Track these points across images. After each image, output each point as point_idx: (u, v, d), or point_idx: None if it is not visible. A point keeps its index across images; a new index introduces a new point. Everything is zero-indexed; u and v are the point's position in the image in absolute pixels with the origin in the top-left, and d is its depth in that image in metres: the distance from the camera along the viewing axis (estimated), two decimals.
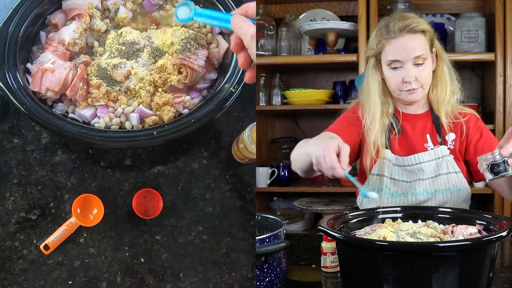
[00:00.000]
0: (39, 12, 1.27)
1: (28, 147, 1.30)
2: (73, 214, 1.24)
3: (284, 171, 2.62)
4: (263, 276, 1.11)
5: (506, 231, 0.97)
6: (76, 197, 1.27)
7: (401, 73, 1.45)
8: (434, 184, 1.50)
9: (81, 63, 1.25)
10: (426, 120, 1.55)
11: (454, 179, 1.49)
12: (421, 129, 1.54)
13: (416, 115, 1.56)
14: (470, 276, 0.95)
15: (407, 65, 1.44)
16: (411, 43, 1.44)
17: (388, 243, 0.98)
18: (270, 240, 1.12)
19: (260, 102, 2.64)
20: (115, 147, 1.28)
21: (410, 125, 1.55)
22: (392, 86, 1.50)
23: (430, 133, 1.53)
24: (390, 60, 1.46)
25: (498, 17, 2.26)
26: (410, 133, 1.54)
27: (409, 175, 1.51)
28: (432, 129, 1.54)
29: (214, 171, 1.32)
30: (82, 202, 1.26)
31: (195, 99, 1.27)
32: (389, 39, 1.45)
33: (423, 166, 1.50)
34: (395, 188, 1.51)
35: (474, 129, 1.53)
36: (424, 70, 1.46)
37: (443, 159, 1.50)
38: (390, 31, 1.45)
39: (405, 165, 1.51)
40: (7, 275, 1.24)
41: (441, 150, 1.51)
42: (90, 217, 1.26)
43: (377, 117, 1.52)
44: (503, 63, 2.30)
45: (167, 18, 1.34)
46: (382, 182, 1.52)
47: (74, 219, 1.24)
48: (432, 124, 1.54)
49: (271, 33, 2.58)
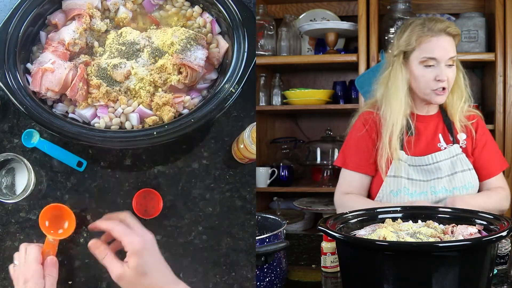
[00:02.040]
0: (39, 12, 1.27)
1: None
2: (41, 227, 1.18)
3: (284, 171, 2.62)
4: (263, 276, 1.11)
5: (506, 231, 0.97)
6: (76, 197, 1.27)
7: (434, 71, 1.51)
8: (452, 182, 1.54)
9: (81, 63, 1.25)
10: (437, 120, 1.61)
11: (469, 176, 1.55)
12: (433, 129, 1.60)
13: (429, 116, 1.62)
14: (470, 276, 0.95)
15: (441, 65, 1.51)
16: (448, 44, 1.53)
17: (388, 243, 0.99)
18: (270, 240, 1.12)
19: (260, 102, 2.65)
20: (115, 147, 1.28)
21: (423, 126, 1.60)
22: (423, 84, 1.54)
23: (442, 133, 1.60)
24: (426, 57, 1.51)
25: (498, 17, 2.27)
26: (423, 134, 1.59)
27: (426, 174, 1.55)
28: (443, 129, 1.60)
29: (214, 171, 1.32)
30: (51, 213, 1.21)
31: (195, 99, 1.27)
32: (429, 37, 1.51)
33: (440, 165, 1.55)
34: (413, 188, 1.54)
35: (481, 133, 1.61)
36: (452, 72, 1.54)
37: (457, 157, 1.56)
38: (430, 30, 1.52)
39: (422, 164, 1.56)
40: (7, 275, 1.24)
41: (454, 148, 1.57)
42: (59, 231, 1.21)
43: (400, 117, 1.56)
44: (503, 63, 2.30)
45: (167, 18, 1.34)
46: (400, 183, 1.55)
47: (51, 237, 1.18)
48: (443, 124, 1.60)
49: (271, 33, 2.58)
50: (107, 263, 1.06)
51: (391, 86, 1.59)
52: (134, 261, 1.02)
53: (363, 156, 1.62)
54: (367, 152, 1.61)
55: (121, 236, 1.06)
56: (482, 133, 1.62)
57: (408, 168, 1.55)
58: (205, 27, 1.33)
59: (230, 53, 1.27)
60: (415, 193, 1.54)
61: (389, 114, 1.57)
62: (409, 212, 1.24)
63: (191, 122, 1.18)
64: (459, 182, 1.55)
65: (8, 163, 1.24)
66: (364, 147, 1.62)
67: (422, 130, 1.60)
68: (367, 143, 1.61)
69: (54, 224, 1.22)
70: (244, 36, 1.25)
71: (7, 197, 1.21)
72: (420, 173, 1.55)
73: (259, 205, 2.65)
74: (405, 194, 1.53)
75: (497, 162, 1.64)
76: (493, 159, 1.63)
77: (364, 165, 1.62)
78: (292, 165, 2.70)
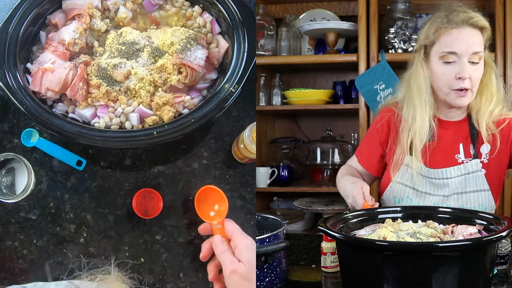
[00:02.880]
0: (39, 12, 1.27)
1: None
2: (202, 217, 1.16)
3: (284, 171, 2.62)
4: (263, 276, 1.11)
5: (506, 231, 0.97)
6: (76, 197, 1.27)
7: (454, 68, 1.34)
8: (459, 201, 1.41)
9: (81, 63, 1.25)
10: (461, 128, 1.44)
11: (482, 198, 1.40)
12: (454, 137, 1.44)
13: (452, 122, 1.45)
14: (470, 276, 0.95)
15: (462, 60, 1.33)
16: (471, 36, 1.34)
17: (388, 243, 0.99)
18: (270, 240, 1.12)
19: (260, 102, 2.64)
20: (115, 147, 1.28)
21: (443, 132, 1.44)
22: (442, 82, 1.37)
23: (463, 143, 1.43)
24: (445, 52, 1.35)
25: (498, 17, 2.26)
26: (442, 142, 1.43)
27: (435, 188, 1.43)
28: (466, 139, 1.43)
29: (214, 171, 1.32)
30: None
31: (195, 99, 1.27)
32: (449, 29, 1.34)
33: (449, 182, 1.41)
34: (416, 199, 1.44)
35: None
36: (478, 71, 1.35)
37: (473, 175, 1.40)
38: (451, 21, 1.35)
39: (432, 177, 1.42)
40: (7, 275, 1.24)
41: (471, 164, 1.40)
42: (210, 213, 1.17)
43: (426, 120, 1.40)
44: (503, 63, 2.30)
45: (167, 18, 1.34)
46: (404, 191, 1.45)
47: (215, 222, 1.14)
48: (467, 133, 1.43)
49: (271, 33, 2.58)
50: (224, 257, 1.07)
51: (413, 85, 1.43)
52: (247, 256, 1.05)
53: (369, 152, 1.55)
54: (372, 150, 1.53)
55: (233, 231, 1.11)
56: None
57: (417, 177, 1.41)
58: (205, 27, 1.33)
59: (230, 53, 1.27)
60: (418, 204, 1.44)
61: (411, 116, 1.41)
62: (409, 212, 1.24)
63: (191, 122, 1.18)
64: (468, 203, 1.40)
65: (8, 163, 1.24)
66: (372, 143, 1.54)
67: (442, 136, 1.42)
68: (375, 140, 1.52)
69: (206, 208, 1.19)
70: (244, 36, 1.25)
71: (7, 197, 1.21)
72: (427, 185, 1.43)
73: (259, 205, 2.65)
74: (407, 204, 1.44)
75: None
76: None
77: (367, 161, 1.56)
78: (292, 165, 2.69)
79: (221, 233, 1.13)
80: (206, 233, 1.17)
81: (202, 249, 1.13)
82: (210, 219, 1.15)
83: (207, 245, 1.13)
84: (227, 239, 1.11)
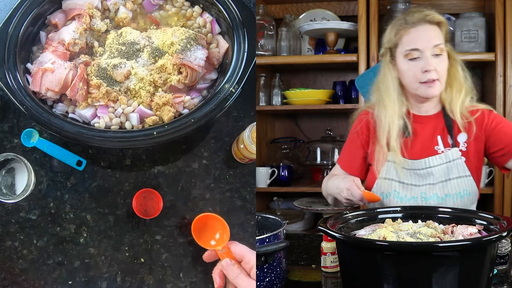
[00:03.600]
0: (39, 12, 1.27)
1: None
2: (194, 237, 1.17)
3: (284, 171, 2.62)
4: (263, 276, 1.11)
5: (506, 231, 0.97)
6: (76, 197, 1.27)
7: (420, 63, 1.43)
8: (445, 188, 1.46)
9: (81, 63, 1.25)
10: (437, 121, 1.52)
11: (465, 183, 1.46)
12: (431, 130, 1.51)
13: (427, 116, 1.53)
14: (470, 276, 0.95)
15: (425, 54, 1.42)
16: (429, 32, 1.44)
17: (388, 243, 0.99)
18: (270, 240, 1.12)
19: (260, 102, 2.64)
20: (115, 147, 1.28)
21: (420, 127, 1.52)
22: (410, 78, 1.46)
23: (441, 135, 1.51)
24: (408, 50, 1.44)
25: (498, 17, 2.26)
26: (420, 136, 1.51)
27: (419, 179, 1.48)
28: (443, 130, 1.51)
29: (214, 171, 1.32)
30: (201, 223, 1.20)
31: (195, 99, 1.27)
32: (408, 29, 1.45)
33: (433, 171, 1.47)
34: (404, 192, 1.48)
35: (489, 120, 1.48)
36: (442, 62, 1.44)
37: (454, 163, 1.47)
38: (408, 22, 1.45)
39: (415, 168, 1.48)
40: (7, 275, 1.24)
41: (452, 153, 1.47)
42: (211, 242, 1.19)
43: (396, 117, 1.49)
44: (503, 63, 2.30)
45: (167, 18, 1.34)
46: (390, 186, 1.49)
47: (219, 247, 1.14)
48: (443, 125, 1.51)
49: (271, 33, 2.58)
50: (240, 281, 1.07)
51: (381, 87, 1.54)
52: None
53: (350, 157, 1.61)
54: (354, 154, 1.59)
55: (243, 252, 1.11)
56: (491, 119, 1.47)
57: (401, 171, 1.48)
58: (205, 27, 1.33)
59: (230, 53, 1.27)
60: (405, 197, 1.48)
61: (383, 115, 1.51)
62: (409, 212, 1.24)
63: (191, 122, 1.18)
64: (453, 189, 1.46)
65: (8, 163, 1.24)
66: (353, 147, 1.60)
67: (419, 131, 1.51)
68: (356, 144, 1.58)
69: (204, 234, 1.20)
70: (244, 36, 1.25)
71: (7, 197, 1.21)
72: (412, 177, 1.48)
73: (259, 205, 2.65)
74: (395, 198, 1.48)
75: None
76: None
77: (349, 165, 1.60)
78: (292, 165, 2.69)
79: (228, 256, 1.11)
80: (211, 259, 1.16)
81: (214, 278, 1.12)
82: (211, 247, 1.15)
83: (218, 272, 1.12)
84: (236, 261, 1.10)
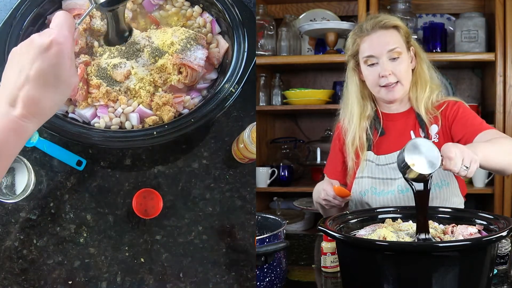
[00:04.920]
0: (39, 12, 1.27)
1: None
2: None
3: (284, 171, 2.62)
4: (263, 276, 1.11)
5: (506, 231, 0.97)
6: (76, 197, 1.27)
7: (377, 68, 1.48)
8: None
9: (81, 63, 1.24)
10: (408, 117, 1.56)
11: (442, 174, 1.48)
12: (403, 126, 1.55)
13: (398, 113, 1.57)
14: (470, 276, 0.95)
15: (382, 60, 1.47)
16: (383, 38, 1.49)
17: (388, 243, 0.99)
18: (270, 240, 1.12)
19: (260, 102, 2.64)
20: (115, 147, 1.28)
21: (392, 125, 1.57)
22: (370, 82, 1.52)
23: (413, 129, 1.54)
24: (365, 57, 1.50)
25: (498, 17, 2.26)
26: (393, 133, 1.55)
27: (394, 172, 1.51)
28: (415, 125, 1.54)
29: (214, 171, 1.32)
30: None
31: (195, 99, 1.27)
32: (363, 37, 1.50)
33: None
34: (381, 187, 1.52)
35: (451, 111, 1.51)
36: (400, 65, 1.48)
37: None
38: (363, 30, 1.51)
39: (388, 163, 1.52)
40: (7, 275, 1.24)
41: None
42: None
43: (355, 117, 1.55)
44: (503, 63, 2.30)
45: (167, 18, 1.34)
46: (367, 183, 1.53)
47: None
48: (415, 120, 1.55)
49: (271, 33, 2.58)
50: None
51: (344, 91, 1.61)
52: None
53: (332, 163, 1.67)
54: (334, 159, 1.65)
55: None
56: (454, 109, 1.51)
57: (375, 168, 1.52)
58: (205, 27, 1.33)
59: (230, 53, 1.27)
60: (382, 192, 1.51)
61: (348, 117, 1.57)
62: (409, 212, 1.24)
63: (191, 122, 1.18)
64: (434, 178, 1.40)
65: None
66: (333, 154, 1.66)
67: (391, 128, 1.56)
68: (335, 150, 1.65)
69: None
70: (244, 36, 1.25)
71: (7, 197, 1.21)
72: (387, 171, 1.52)
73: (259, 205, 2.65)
74: (373, 194, 1.51)
75: (476, 124, 1.47)
76: (471, 123, 1.47)
77: (332, 171, 1.65)
78: (292, 165, 2.69)
79: None
80: None
81: None
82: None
83: None
84: None
